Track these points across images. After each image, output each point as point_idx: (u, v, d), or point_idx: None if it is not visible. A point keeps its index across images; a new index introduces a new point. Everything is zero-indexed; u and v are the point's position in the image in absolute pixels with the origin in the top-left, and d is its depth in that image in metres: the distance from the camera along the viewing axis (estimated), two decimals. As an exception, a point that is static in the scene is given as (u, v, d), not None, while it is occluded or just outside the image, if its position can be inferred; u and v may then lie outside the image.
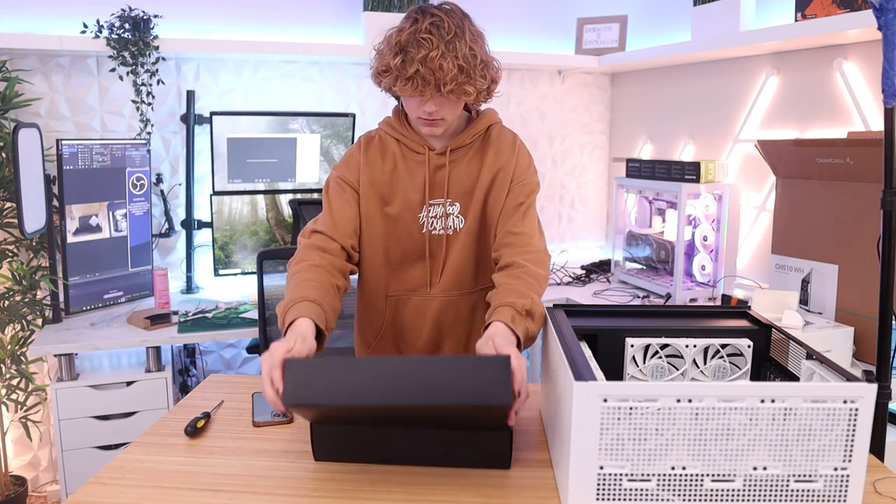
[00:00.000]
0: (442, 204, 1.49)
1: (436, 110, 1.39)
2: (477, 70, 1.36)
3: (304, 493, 1.08)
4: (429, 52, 1.31)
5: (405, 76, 1.33)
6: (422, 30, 1.32)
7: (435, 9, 1.37)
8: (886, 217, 1.35)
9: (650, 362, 1.24)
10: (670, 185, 2.60)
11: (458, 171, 1.50)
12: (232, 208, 2.78)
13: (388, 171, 1.50)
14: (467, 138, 1.50)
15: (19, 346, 2.49)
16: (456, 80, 1.33)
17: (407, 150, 1.50)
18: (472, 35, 1.38)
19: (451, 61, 1.31)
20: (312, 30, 2.97)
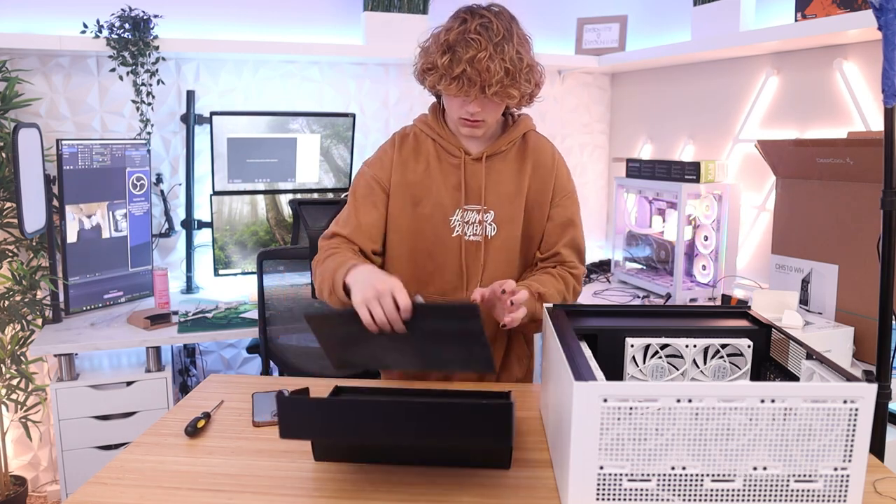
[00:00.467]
0: (478, 210, 1.48)
1: (478, 111, 1.38)
2: (522, 74, 1.36)
3: (304, 493, 1.08)
4: (477, 53, 1.30)
5: (451, 75, 1.32)
6: (471, 30, 1.32)
7: (484, 10, 1.36)
8: (886, 217, 1.35)
9: (650, 362, 1.24)
10: (670, 185, 2.60)
11: (496, 179, 1.48)
12: (232, 208, 2.78)
13: (420, 171, 1.48)
14: (503, 145, 1.49)
15: (19, 346, 2.49)
16: (502, 82, 1.32)
17: (442, 150, 1.49)
18: (520, 38, 1.37)
19: (499, 63, 1.31)
20: (312, 30, 2.97)
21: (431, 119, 1.51)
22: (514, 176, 1.50)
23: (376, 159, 1.52)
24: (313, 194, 2.94)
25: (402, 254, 1.49)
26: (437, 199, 1.47)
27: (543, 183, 1.51)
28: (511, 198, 1.49)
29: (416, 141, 1.51)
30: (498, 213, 1.48)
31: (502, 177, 1.49)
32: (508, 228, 1.49)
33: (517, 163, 1.51)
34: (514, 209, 1.49)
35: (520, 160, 1.51)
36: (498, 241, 1.49)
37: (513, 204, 1.49)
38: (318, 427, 1.05)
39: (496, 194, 1.48)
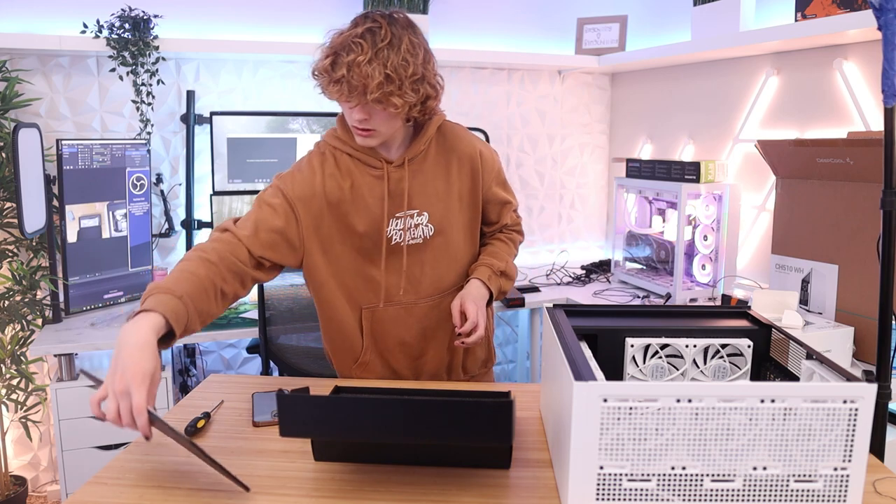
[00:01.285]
0: (412, 215, 1.47)
1: (365, 119, 1.35)
2: (406, 81, 1.31)
3: (304, 493, 1.08)
4: (356, 57, 1.28)
5: (333, 79, 1.32)
6: (357, 34, 1.30)
7: (379, 16, 1.34)
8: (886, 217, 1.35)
9: (650, 362, 1.24)
10: (670, 185, 2.60)
11: (421, 181, 1.48)
12: (232, 208, 2.78)
13: (347, 188, 1.45)
14: (421, 145, 1.48)
15: (19, 346, 2.49)
16: (381, 88, 1.29)
17: (361, 164, 1.46)
18: (411, 45, 1.33)
19: (378, 69, 1.28)
20: (312, 30, 2.97)
21: (342, 132, 1.48)
22: (440, 173, 1.50)
23: (290, 175, 1.46)
24: (313, 194, 2.94)
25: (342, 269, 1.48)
26: (369, 213, 1.45)
27: (471, 173, 1.53)
28: (442, 196, 1.49)
29: (334, 158, 1.47)
30: (432, 213, 1.49)
31: (428, 177, 1.49)
32: (446, 226, 1.51)
33: (440, 159, 1.50)
34: (447, 206, 1.50)
35: (442, 156, 1.51)
36: (436, 241, 1.50)
37: (444, 202, 1.50)
38: (318, 425, 1.05)
39: (425, 195, 1.48)
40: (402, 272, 1.49)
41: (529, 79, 3.33)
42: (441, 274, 1.53)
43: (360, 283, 1.50)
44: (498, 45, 3.22)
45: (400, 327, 1.53)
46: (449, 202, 1.51)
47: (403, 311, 1.52)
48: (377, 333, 1.54)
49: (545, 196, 3.47)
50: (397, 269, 1.49)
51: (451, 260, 1.54)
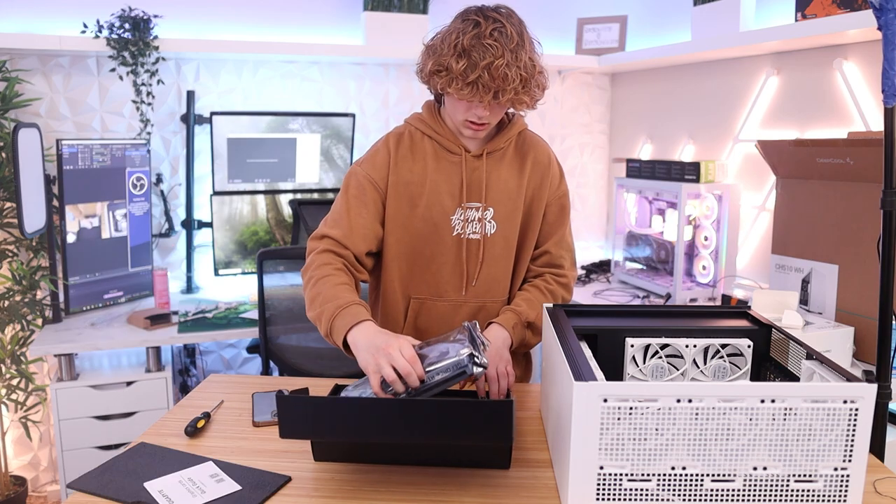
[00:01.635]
0: (478, 208, 1.47)
1: (486, 115, 1.37)
2: (534, 80, 1.35)
3: (305, 493, 1.08)
4: (494, 60, 1.28)
5: (466, 80, 1.30)
6: (485, 34, 1.30)
7: (495, 13, 1.34)
8: (886, 217, 1.35)
9: (650, 362, 1.24)
10: (670, 185, 2.60)
11: (496, 176, 1.48)
12: (232, 208, 2.78)
13: (417, 171, 1.46)
14: (502, 142, 1.49)
15: (19, 346, 2.49)
16: (516, 90, 1.31)
17: (441, 149, 1.47)
18: (531, 44, 1.36)
19: (515, 71, 1.30)
20: (312, 30, 2.97)
21: (428, 117, 1.49)
22: (514, 173, 1.49)
23: (368, 158, 1.49)
24: (313, 194, 2.94)
25: (401, 254, 1.48)
26: (436, 199, 1.46)
27: (541, 180, 1.52)
28: (511, 195, 1.49)
29: (411, 140, 1.49)
30: (497, 210, 1.48)
31: (502, 174, 1.49)
32: (507, 226, 1.49)
33: (516, 160, 1.51)
34: (514, 206, 1.49)
35: (518, 157, 1.51)
36: (497, 239, 1.48)
37: (513, 201, 1.49)
38: (317, 426, 1.05)
39: (497, 191, 1.48)
40: (459, 266, 1.47)
41: (529, 79, 3.33)
42: (496, 275, 1.50)
43: (417, 270, 1.49)
44: (498, 45, 3.21)
45: (443, 325, 1.50)
46: (516, 202, 1.49)
47: (451, 309, 1.50)
48: (420, 326, 1.51)
49: (545, 196, 3.46)
50: (455, 261, 1.48)
51: (507, 262, 1.51)
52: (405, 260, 1.48)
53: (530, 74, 1.33)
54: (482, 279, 1.49)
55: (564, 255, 1.57)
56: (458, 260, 1.48)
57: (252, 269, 2.81)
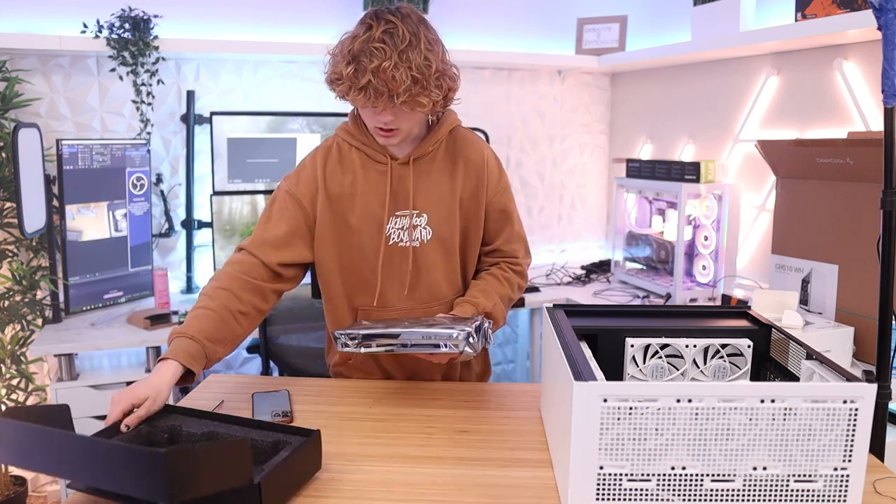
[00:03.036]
0: (408, 215, 1.45)
1: (391, 120, 1.34)
2: (431, 80, 1.30)
3: (305, 492, 1.08)
4: (381, 63, 1.25)
5: (357, 86, 1.28)
6: (375, 38, 1.27)
7: (390, 14, 1.30)
8: (886, 217, 1.35)
9: (650, 362, 1.24)
10: (670, 185, 2.60)
11: (427, 182, 1.46)
12: (232, 208, 2.78)
13: (347, 183, 1.45)
14: (430, 145, 1.46)
15: (19, 346, 2.49)
16: (409, 91, 1.27)
17: (368, 159, 1.46)
18: (428, 42, 1.31)
19: (405, 72, 1.26)
20: (312, 30, 2.97)
21: (353, 127, 1.47)
22: (445, 176, 1.47)
23: (295, 174, 1.49)
24: (313, 194, 2.94)
25: (342, 266, 1.47)
26: (367, 210, 1.45)
27: (476, 179, 1.49)
28: (444, 199, 1.47)
29: (339, 152, 1.47)
30: (431, 216, 1.46)
31: (433, 178, 1.47)
32: (444, 230, 1.47)
33: (447, 162, 1.48)
34: (448, 210, 1.47)
35: (449, 159, 1.48)
36: (433, 244, 1.47)
37: (446, 205, 1.47)
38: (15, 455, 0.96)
39: (427, 197, 1.46)
40: (398, 274, 1.47)
41: (529, 79, 3.33)
42: (437, 279, 1.49)
43: (357, 281, 1.49)
44: (498, 46, 3.21)
45: None
46: (451, 206, 1.48)
47: (399, 317, 1.49)
48: None
49: (545, 196, 3.47)
50: (393, 270, 1.47)
51: (448, 267, 1.50)
52: (346, 271, 1.48)
53: (424, 75, 1.28)
54: (424, 285, 1.48)
55: (516, 247, 1.57)
56: (396, 268, 1.47)
57: (252, 269, 2.81)
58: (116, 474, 0.87)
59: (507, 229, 1.55)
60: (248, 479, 0.94)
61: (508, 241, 1.56)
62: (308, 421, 1.34)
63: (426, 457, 1.20)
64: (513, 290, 1.54)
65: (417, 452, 1.21)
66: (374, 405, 1.42)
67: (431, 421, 1.34)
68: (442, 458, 1.19)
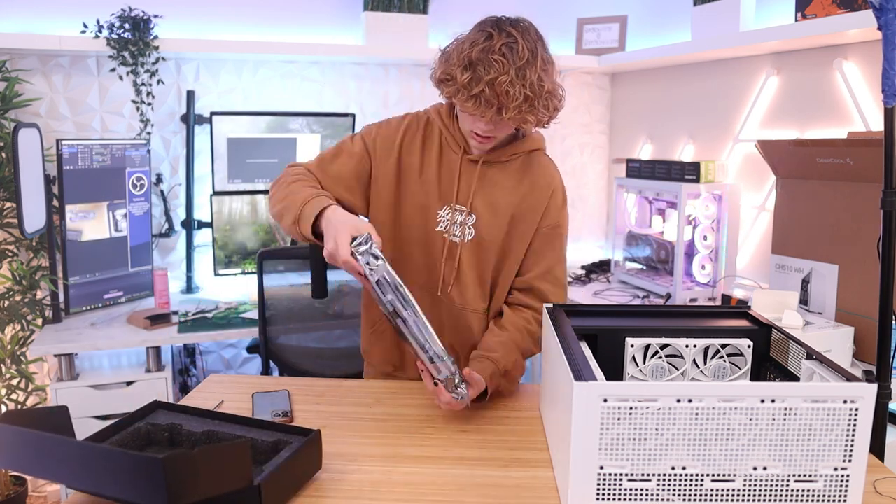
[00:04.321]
0: (461, 211, 1.46)
1: (491, 129, 1.35)
2: (541, 100, 1.30)
3: (305, 492, 1.08)
4: (498, 76, 1.25)
5: (469, 93, 1.28)
6: (495, 49, 1.26)
7: (511, 27, 1.30)
8: (886, 217, 1.35)
9: (650, 362, 1.24)
10: (670, 185, 2.60)
11: (488, 186, 1.46)
12: (232, 208, 2.78)
13: (421, 158, 1.47)
14: (505, 155, 1.46)
15: (19, 346, 2.48)
16: (520, 108, 1.28)
17: (445, 144, 1.48)
18: (544, 62, 1.32)
19: (519, 89, 1.26)
20: (312, 30, 2.97)
21: (445, 111, 1.49)
22: (506, 189, 1.47)
23: (377, 126, 1.50)
24: (313, 194, 2.94)
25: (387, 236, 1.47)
26: (427, 191, 1.46)
27: (536, 204, 1.48)
28: (498, 208, 1.46)
29: (427, 126, 1.50)
30: (480, 219, 1.46)
31: (495, 186, 1.46)
32: (486, 237, 1.46)
33: (515, 177, 1.48)
34: (496, 221, 1.46)
35: (519, 176, 1.48)
36: (471, 247, 1.47)
37: (497, 215, 1.46)
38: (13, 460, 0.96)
39: (482, 200, 1.46)
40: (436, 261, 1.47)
41: (529, 79, 3.32)
42: (466, 283, 1.48)
43: (398, 254, 1.49)
44: (498, 45, 3.21)
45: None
46: (501, 218, 1.46)
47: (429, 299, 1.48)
48: None
49: (545, 196, 3.46)
50: (432, 257, 1.48)
51: (479, 273, 1.49)
52: (390, 240, 1.48)
53: (537, 94, 1.29)
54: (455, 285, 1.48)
55: (551, 290, 1.50)
56: (438, 258, 1.47)
57: (252, 269, 2.81)
58: (115, 480, 0.87)
59: (544, 264, 1.50)
60: (247, 482, 0.94)
61: (543, 279, 1.50)
62: (308, 421, 1.34)
63: (426, 457, 1.20)
64: (533, 344, 1.50)
65: (417, 452, 1.21)
66: (374, 405, 1.42)
67: (431, 421, 1.34)
68: (442, 458, 1.19)
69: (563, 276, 1.53)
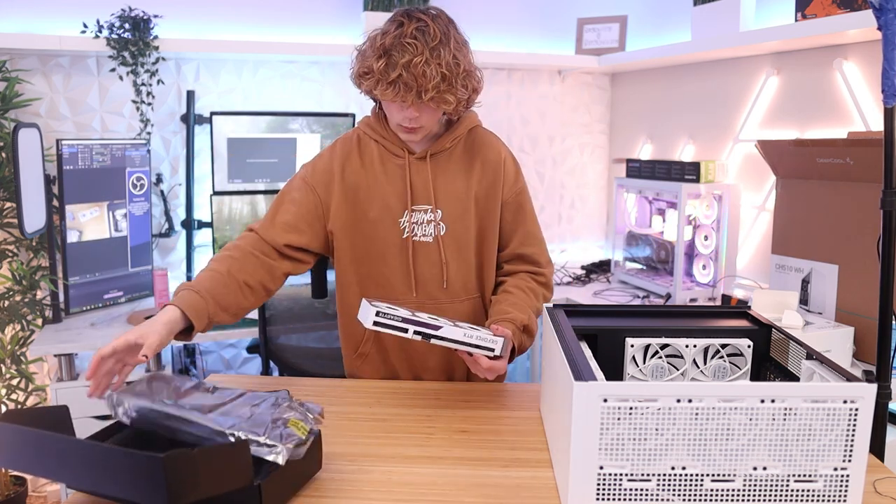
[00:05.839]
0: (425, 210, 1.47)
1: (416, 116, 1.37)
2: (459, 79, 1.34)
3: (305, 492, 1.08)
4: (413, 58, 1.29)
5: (387, 80, 1.31)
6: (407, 34, 1.30)
7: (421, 13, 1.35)
8: (886, 217, 1.35)
9: (650, 362, 1.24)
10: (670, 185, 2.60)
11: (443, 178, 1.48)
12: (232, 208, 2.78)
13: (365, 175, 1.47)
14: (447, 142, 1.48)
15: (19, 346, 2.48)
16: (438, 87, 1.31)
17: (386, 152, 1.48)
18: (457, 43, 1.35)
19: (435, 68, 1.30)
20: (312, 30, 2.97)
21: (374, 121, 1.50)
22: (461, 173, 1.49)
23: (312, 163, 1.52)
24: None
25: (356, 258, 1.49)
26: (383, 202, 1.46)
27: (493, 178, 1.50)
28: (459, 195, 1.48)
29: (360, 144, 1.50)
30: (447, 211, 1.47)
31: (449, 175, 1.48)
32: (459, 226, 1.48)
33: (464, 160, 1.50)
34: (464, 207, 1.48)
35: (466, 157, 1.50)
36: (449, 240, 1.48)
37: (461, 201, 1.48)
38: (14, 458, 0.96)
39: (443, 193, 1.47)
40: (411, 269, 1.48)
41: (529, 79, 3.33)
42: (450, 276, 1.50)
43: (370, 273, 1.50)
44: (498, 45, 3.22)
45: None
46: (466, 203, 1.49)
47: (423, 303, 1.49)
48: None
49: (545, 196, 3.47)
50: (406, 264, 1.48)
51: (462, 265, 1.50)
52: (359, 263, 1.49)
53: (453, 73, 1.32)
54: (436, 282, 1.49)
55: (535, 251, 1.55)
56: (409, 262, 1.48)
57: (252, 269, 2.81)
58: (115, 479, 0.87)
59: (520, 230, 1.54)
60: (248, 481, 0.94)
61: (525, 244, 1.54)
62: (308, 421, 1.34)
63: (426, 457, 1.20)
64: (538, 301, 1.52)
65: (417, 452, 1.21)
66: (374, 405, 1.42)
67: (431, 421, 1.34)
68: (442, 458, 1.19)
69: (540, 233, 1.58)
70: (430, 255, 1.48)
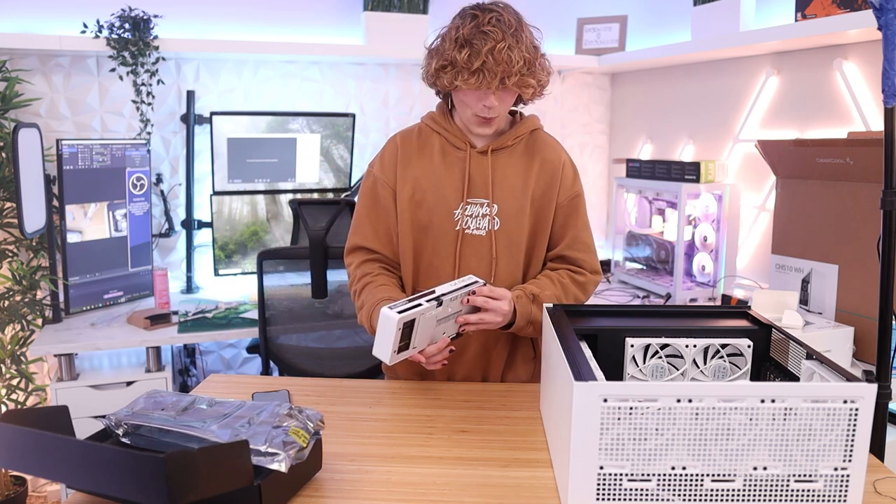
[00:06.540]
0: (481, 204, 1.48)
1: (495, 105, 1.39)
2: (537, 63, 1.39)
3: (305, 492, 1.08)
4: (496, 44, 1.32)
5: (471, 69, 1.33)
6: (484, 23, 1.34)
7: (490, 5, 1.39)
8: (886, 217, 1.35)
9: (650, 362, 1.24)
10: (670, 185, 2.60)
11: (501, 173, 1.49)
12: (232, 208, 2.78)
13: (424, 166, 1.49)
14: (509, 139, 1.50)
15: (19, 346, 2.48)
16: (521, 72, 1.35)
17: (448, 145, 1.51)
18: (529, 29, 1.41)
19: (518, 53, 1.34)
20: (312, 30, 2.97)
21: (438, 115, 1.53)
22: (520, 171, 1.50)
23: (378, 158, 1.55)
24: (313, 194, 2.94)
25: (409, 247, 1.50)
26: (440, 193, 1.48)
27: (550, 180, 1.51)
28: (516, 192, 1.49)
29: (420, 136, 1.53)
30: (502, 207, 1.48)
31: (508, 171, 1.49)
32: (513, 223, 1.49)
33: (524, 159, 1.51)
34: (519, 205, 1.49)
35: (527, 156, 1.51)
36: (502, 235, 1.49)
37: (518, 199, 1.49)
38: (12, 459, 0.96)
39: (501, 188, 1.48)
40: (456, 260, 1.48)
41: (529, 79, 3.33)
42: (498, 272, 1.49)
43: (422, 264, 1.51)
44: (498, 45, 3.21)
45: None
46: (522, 201, 1.49)
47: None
48: None
49: (545, 196, 3.46)
50: (454, 255, 1.49)
51: (511, 261, 1.50)
52: (413, 252, 1.51)
53: (533, 56, 1.37)
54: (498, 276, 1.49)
55: (582, 257, 1.54)
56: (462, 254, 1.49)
57: (252, 269, 2.81)
58: (115, 479, 0.87)
59: (570, 234, 1.53)
60: (248, 481, 0.94)
61: (571, 247, 1.53)
62: (308, 421, 1.34)
63: (426, 457, 1.20)
64: (566, 294, 1.50)
65: (417, 452, 1.21)
66: (374, 405, 1.42)
67: (431, 421, 1.34)
68: (442, 458, 1.19)
69: (590, 241, 1.58)
70: (479, 249, 1.48)
